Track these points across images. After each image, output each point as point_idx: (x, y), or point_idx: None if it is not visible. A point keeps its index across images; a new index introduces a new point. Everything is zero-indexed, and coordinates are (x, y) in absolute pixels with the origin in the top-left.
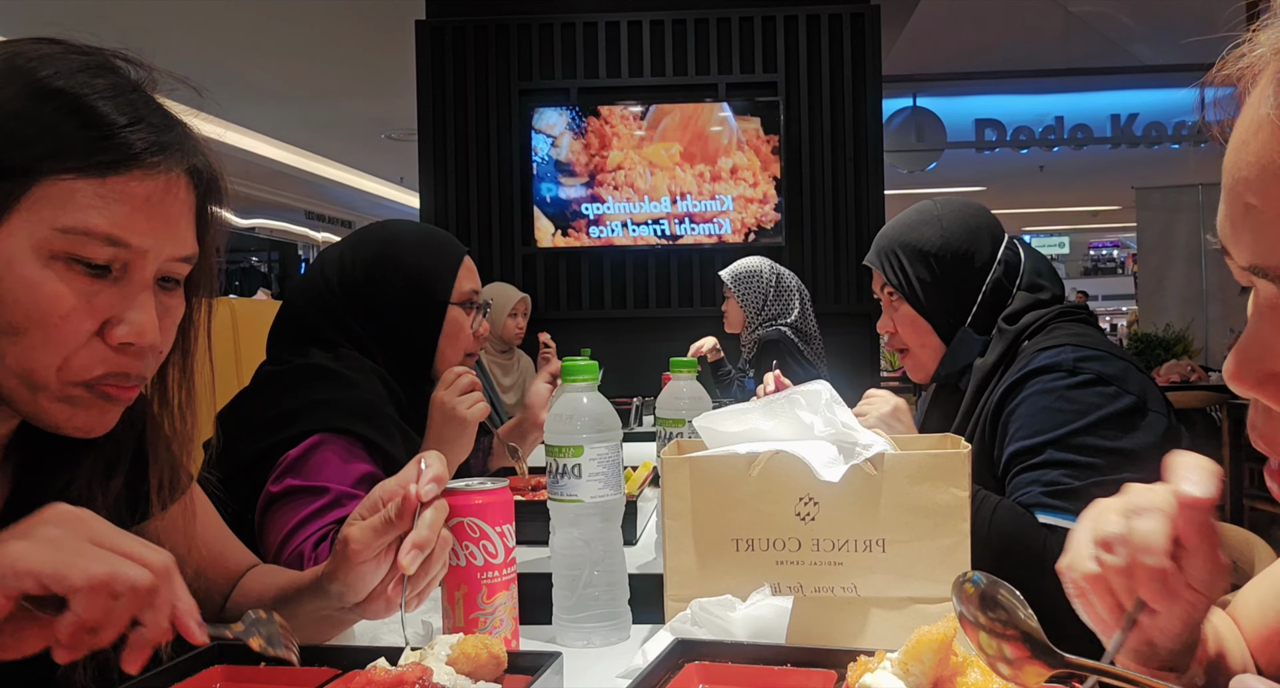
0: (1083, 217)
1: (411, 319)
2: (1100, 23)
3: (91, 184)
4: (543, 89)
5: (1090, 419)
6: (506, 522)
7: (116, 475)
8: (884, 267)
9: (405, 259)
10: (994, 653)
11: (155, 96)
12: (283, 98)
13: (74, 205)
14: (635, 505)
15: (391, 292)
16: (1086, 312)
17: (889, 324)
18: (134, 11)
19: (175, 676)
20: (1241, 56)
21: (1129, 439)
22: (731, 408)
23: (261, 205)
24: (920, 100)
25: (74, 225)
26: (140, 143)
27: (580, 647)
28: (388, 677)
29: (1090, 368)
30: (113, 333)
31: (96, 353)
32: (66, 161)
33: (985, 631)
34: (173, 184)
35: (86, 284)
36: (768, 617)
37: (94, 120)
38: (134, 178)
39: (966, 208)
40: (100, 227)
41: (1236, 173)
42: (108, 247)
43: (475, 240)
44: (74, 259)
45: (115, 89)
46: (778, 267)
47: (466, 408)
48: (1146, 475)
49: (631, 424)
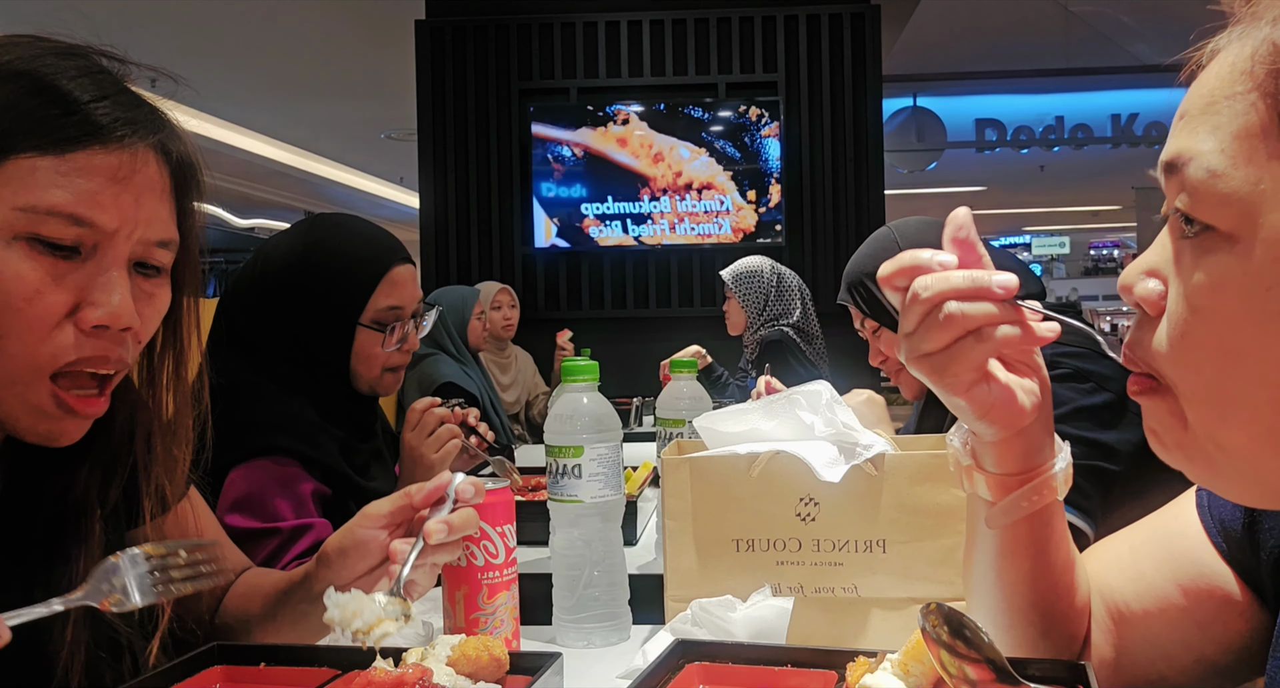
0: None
1: (320, 336)
2: (1101, 22)
3: (51, 161)
4: (543, 89)
5: (1063, 410)
6: (507, 522)
7: (115, 484)
8: (856, 300)
9: (320, 271)
10: (956, 673)
11: (130, 86)
12: (283, 98)
13: (34, 183)
14: (635, 506)
15: (302, 304)
16: (1074, 311)
17: (878, 355)
18: (133, 11)
19: (175, 676)
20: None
21: (1105, 434)
22: (732, 408)
23: (261, 205)
24: (920, 100)
25: (34, 204)
26: (104, 118)
27: (580, 647)
28: (388, 677)
29: (1068, 364)
30: (85, 316)
31: (69, 338)
32: (25, 139)
33: (947, 650)
34: (140, 160)
35: (53, 266)
36: (768, 617)
37: (54, 98)
38: (95, 153)
39: (922, 223)
40: (62, 204)
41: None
42: (72, 225)
43: (475, 240)
44: (37, 240)
45: (80, 71)
46: (779, 266)
47: (434, 451)
48: (1123, 471)
49: (631, 424)
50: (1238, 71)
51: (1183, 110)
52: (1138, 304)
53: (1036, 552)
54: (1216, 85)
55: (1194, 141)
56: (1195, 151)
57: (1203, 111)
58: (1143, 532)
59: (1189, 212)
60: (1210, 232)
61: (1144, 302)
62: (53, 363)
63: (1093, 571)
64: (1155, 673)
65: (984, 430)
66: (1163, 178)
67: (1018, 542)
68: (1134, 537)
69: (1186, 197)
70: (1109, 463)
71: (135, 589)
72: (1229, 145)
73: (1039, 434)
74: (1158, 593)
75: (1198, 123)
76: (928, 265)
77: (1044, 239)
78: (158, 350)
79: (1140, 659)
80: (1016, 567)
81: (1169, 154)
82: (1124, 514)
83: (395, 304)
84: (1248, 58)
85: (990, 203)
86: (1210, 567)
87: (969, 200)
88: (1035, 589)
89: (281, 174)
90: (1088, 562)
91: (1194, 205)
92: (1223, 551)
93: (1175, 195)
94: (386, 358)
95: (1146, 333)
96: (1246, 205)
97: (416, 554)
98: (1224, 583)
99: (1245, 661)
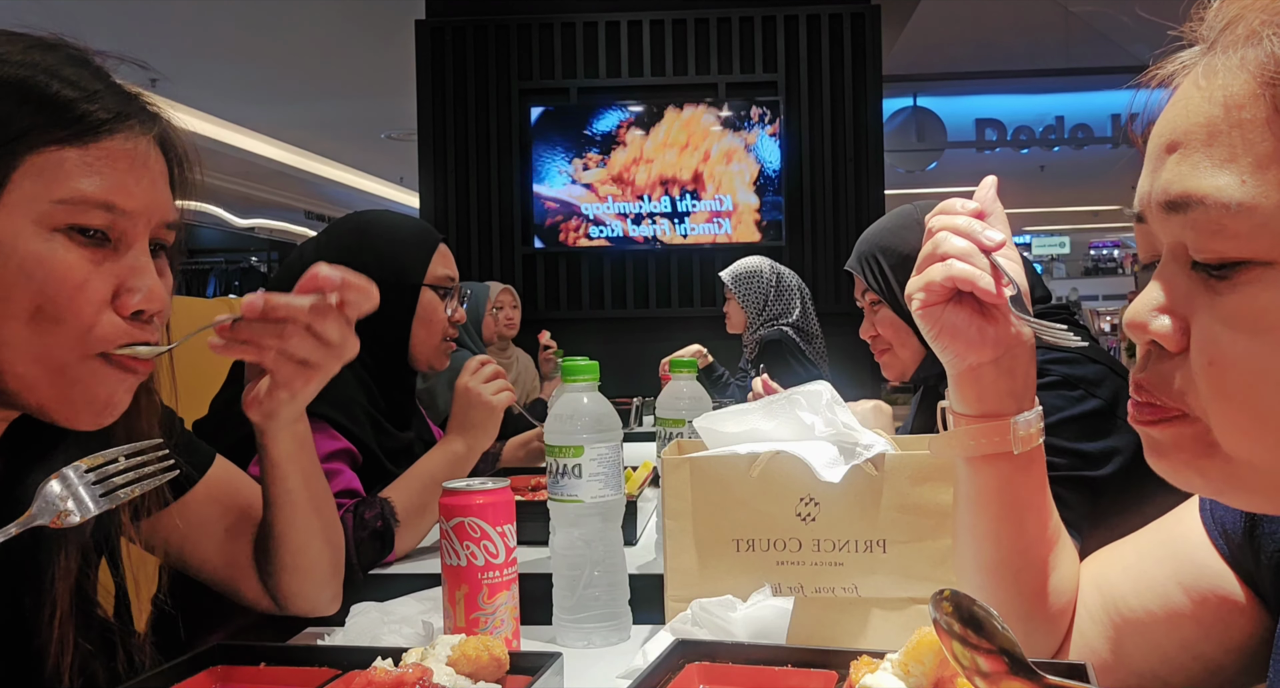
0: (1083, 216)
1: (384, 301)
2: (1101, 22)
3: (77, 152)
4: (543, 89)
5: (1050, 420)
6: (507, 522)
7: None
8: (864, 271)
9: (378, 243)
10: (969, 665)
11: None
12: (283, 98)
13: (64, 175)
14: (635, 506)
15: (365, 274)
16: (1068, 312)
17: (870, 329)
18: (133, 11)
19: (175, 676)
20: (1175, 59)
21: (1092, 444)
22: (732, 408)
23: (261, 205)
24: (920, 100)
25: (69, 195)
26: (112, 107)
27: (581, 647)
28: (388, 677)
29: (1056, 371)
30: (125, 302)
31: (114, 324)
32: (48, 132)
33: (959, 641)
34: (145, 145)
35: (91, 254)
36: (768, 617)
37: (65, 91)
38: (114, 141)
39: None
40: (95, 193)
41: (1162, 129)
42: (104, 212)
43: (475, 240)
44: (74, 229)
45: (71, 61)
46: (778, 266)
47: (492, 394)
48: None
49: (631, 424)
50: (1244, 96)
51: (1170, 141)
52: (1153, 343)
53: (1002, 510)
54: (1216, 114)
55: (1204, 178)
56: (1211, 187)
57: (1206, 143)
58: (1148, 535)
59: (1209, 249)
60: (1241, 266)
61: (1164, 341)
62: (101, 347)
63: (1095, 571)
64: (1154, 676)
65: (941, 356)
66: (1161, 217)
67: (984, 493)
68: (1139, 539)
69: (1201, 235)
70: (1095, 472)
71: (87, 499)
72: (1251, 176)
73: (994, 380)
74: (1159, 592)
75: (1201, 156)
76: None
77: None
78: None
79: (1139, 661)
80: (983, 519)
81: (1174, 194)
82: (1117, 523)
83: (450, 273)
84: (1250, 80)
85: None
86: (1212, 569)
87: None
88: (1001, 547)
89: (281, 174)
90: (1092, 564)
91: (1216, 243)
92: (1224, 553)
93: (1178, 232)
94: (444, 326)
95: (1170, 369)
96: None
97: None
98: (1226, 585)
99: (1247, 663)
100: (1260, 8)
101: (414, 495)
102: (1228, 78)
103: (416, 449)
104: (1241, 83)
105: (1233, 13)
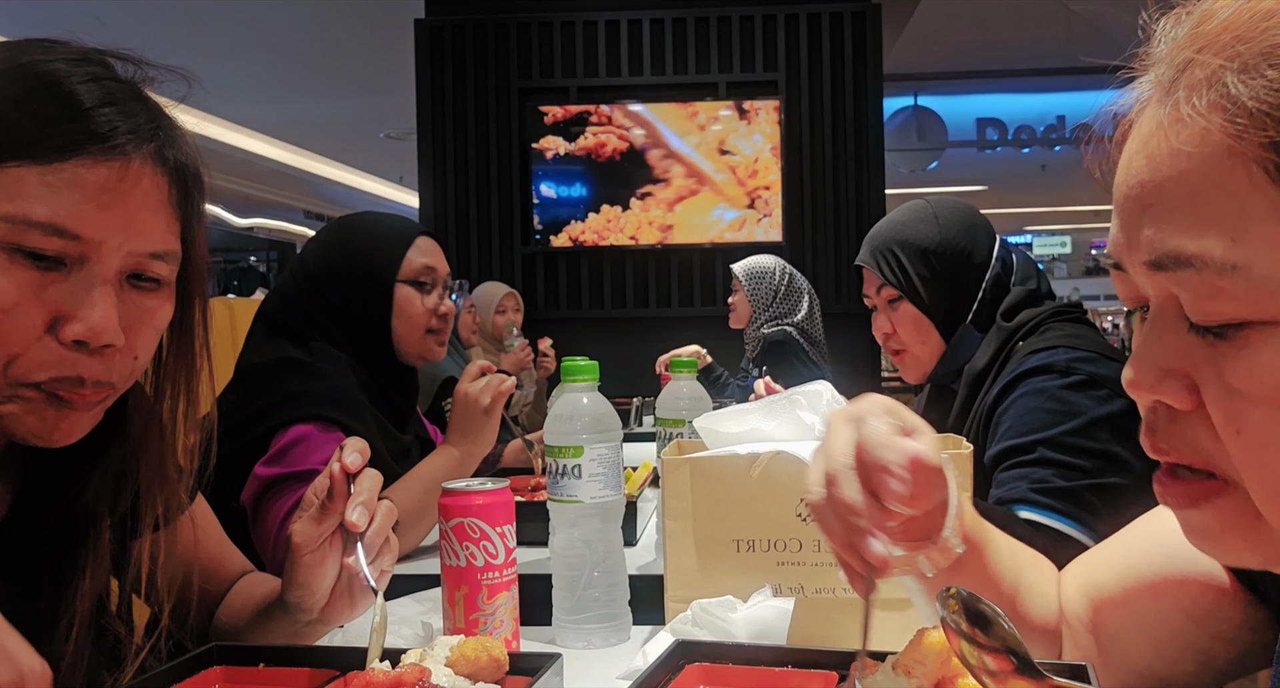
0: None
1: (361, 300)
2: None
3: (36, 171)
4: (543, 88)
5: (1081, 421)
6: (507, 522)
7: (126, 492)
8: (880, 266)
9: (354, 242)
10: (976, 663)
11: (145, 90)
12: (282, 97)
13: (17, 194)
14: (635, 506)
15: (342, 274)
16: (1080, 311)
17: (886, 325)
18: (132, 12)
19: (175, 676)
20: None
21: (1120, 445)
22: (732, 408)
23: (260, 205)
24: (921, 99)
25: (13, 214)
26: (100, 126)
27: (580, 648)
28: (386, 678)
29: (1083, 369)
30: (64, 330)
31: (48, 352)
32: (11, 149)
33: (967, 640)
34: (134, 170)
35: (34, 277)
36: (768, 618)
37: (47, 107)
38: (83, 164)
39: (960, 205)
40: (41, 215)
41: (1130, 180)
42: (54, 237)
43: (475, 240)
44: (17, 250)
45: (88, 76)
46: (791, 268)
47: (489, 399)
48: (1138, 484)
49: (631, 424)
50: (1217, 149)
51: (1142, 195)
52: (1159, 404)
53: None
54: (1190, 168)
55: (1189, 240)
56: (1199, 248)
57: (1188, 202)
58: (1138, 527)
59: (1206, 312)
60: (1244, 326)
61: (1173, 402)
62: (31, 376)
63: (1078, 571)
64: (1150, 672)
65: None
66: (1146, 272)
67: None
68: (1129, 533)
69: (1196, 297)
70: (1123, 478)
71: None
72: (1238, 235)
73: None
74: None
75: (1183, 215)
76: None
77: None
78: (164, 360)
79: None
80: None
81: (1160, 254)
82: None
83: (429, 263)
84: (1220, 134)
85: (991, 202)
86: (1203, 560)
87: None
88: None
89: (281, 173)
90: (1076, 568)
91: (1214, 305)
92: None
93: (1168, 287)
94: (426, 319)
95: (1184, 429)
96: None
97: (363, 551)
98: (1217, 575)
99: (1239, 654)
100: (1219, 47)
101: (414, 497)
102: (1195, 129)
103: (414, 450)
104: (1213, 135)
105: (1187, 55)
